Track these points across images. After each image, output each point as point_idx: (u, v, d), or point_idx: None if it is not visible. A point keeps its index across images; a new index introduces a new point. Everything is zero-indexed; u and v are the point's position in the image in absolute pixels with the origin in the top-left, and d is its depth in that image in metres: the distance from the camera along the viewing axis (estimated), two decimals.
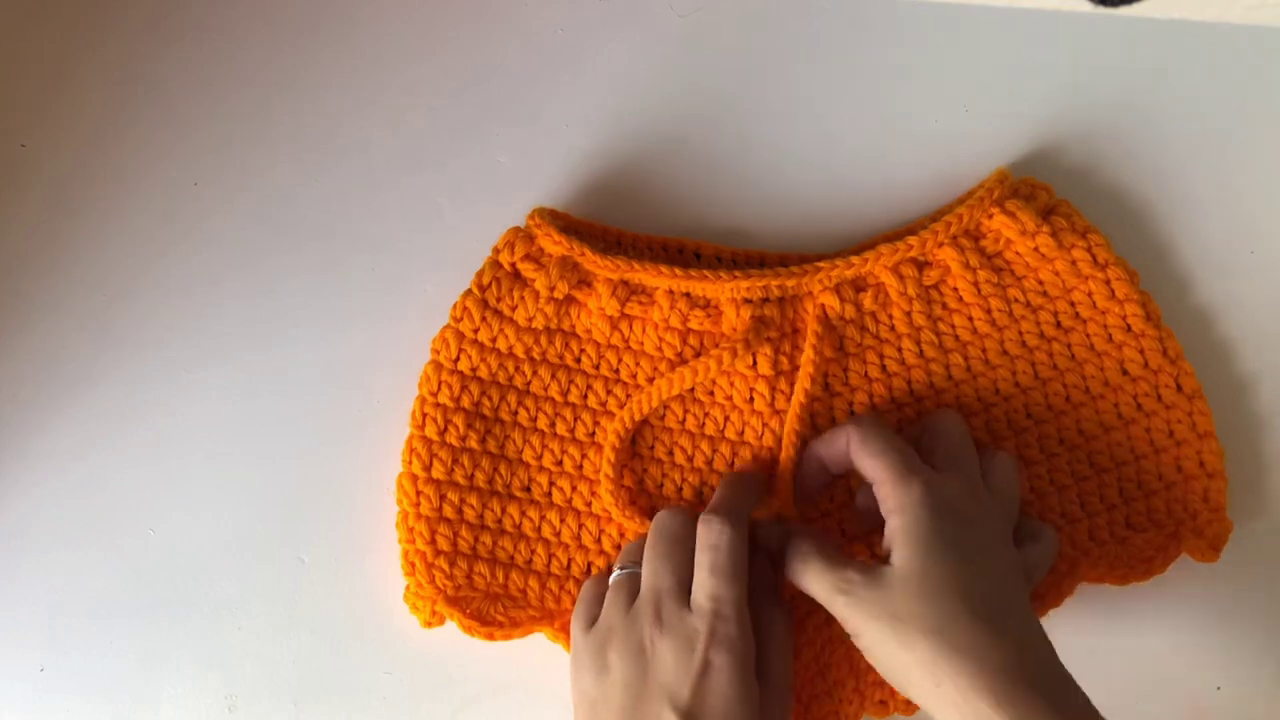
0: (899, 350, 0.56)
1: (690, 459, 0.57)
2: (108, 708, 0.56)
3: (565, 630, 0.56)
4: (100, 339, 0.58)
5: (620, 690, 0.50)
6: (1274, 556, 0.57)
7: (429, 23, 0.60)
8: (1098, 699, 0.56)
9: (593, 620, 0.53)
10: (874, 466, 0.51)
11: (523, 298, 0.56)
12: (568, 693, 0.56)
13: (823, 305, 0.55)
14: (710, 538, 0.51)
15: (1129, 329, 0.56)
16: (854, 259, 0.56)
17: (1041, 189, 0.57)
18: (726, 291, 0.56)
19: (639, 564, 0.53)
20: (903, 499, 0.50)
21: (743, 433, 0.56)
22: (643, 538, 0.54)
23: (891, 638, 0.47)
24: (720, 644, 0.49)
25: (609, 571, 0.55)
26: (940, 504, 0.49)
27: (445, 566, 0.55)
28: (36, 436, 0.58)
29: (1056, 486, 0.56)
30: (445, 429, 0.55)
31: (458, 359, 0.56)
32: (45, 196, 0.59)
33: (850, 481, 0.56)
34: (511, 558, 0.56)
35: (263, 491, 0.58)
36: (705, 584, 0.50)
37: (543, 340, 0.56)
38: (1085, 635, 0.57)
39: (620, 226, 0.58)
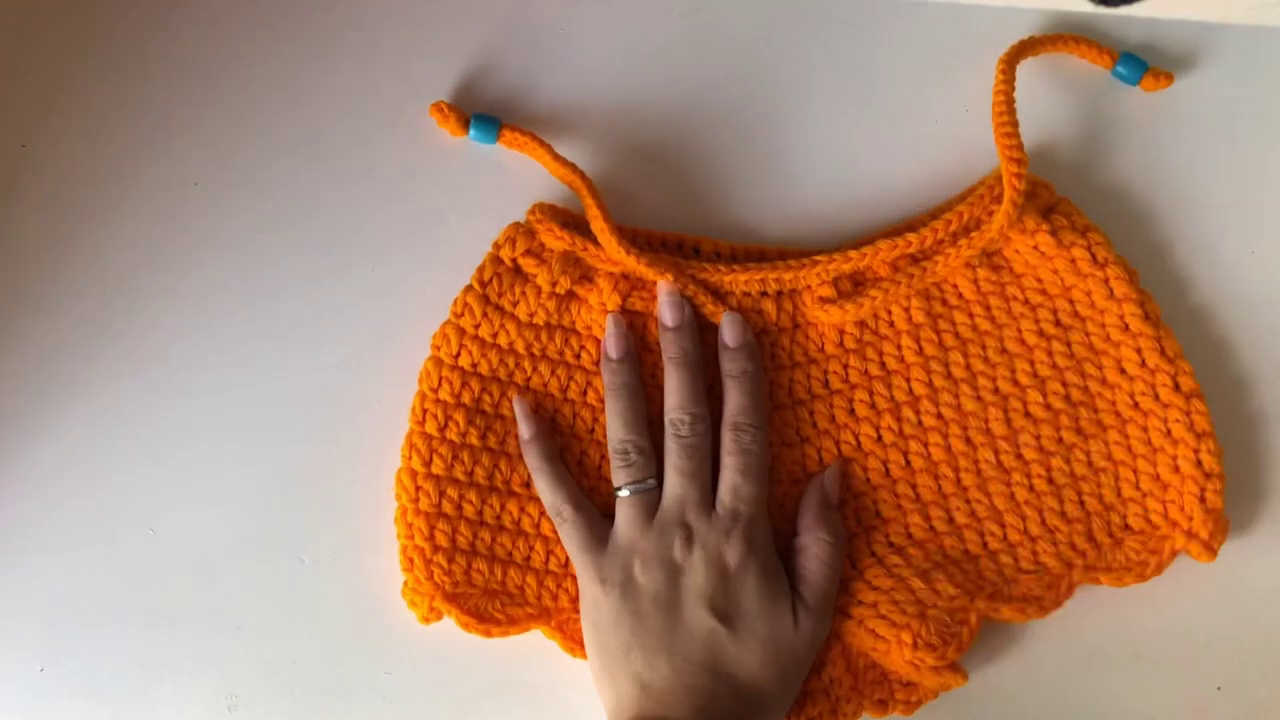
0: (898, 347, 0.56)
1: None
2: (108, 708, 0.56)
3: (561, 628, 0.55)
4: (100, 339, 0.58)
5: (650, 600, 0.52)
6: (1273, 556, 0.57)
7: (428, 22, 0.60)
8: (1098, 699, 0.56)
9: (599, 541, 0.54)
10: None
11: (524, 293, 0.56)
12: (568, 692, 0.56)
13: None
14: (744, 443, 0.54)
15: (1127, 328, 0.56)
16: (851, 253, 0.56)
17: (1042, 186, 0.57)
18: (725, 285, 0.56)
19: (640, 481, 0.54)
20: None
21: None
22: (627, 458, 0.54)
23: None
24: (750, 544, 0.52)
25: (580, 502, 0.55)
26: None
27: (444, 562, 0.55)
28: (36, 436, 0.58)
29: (1054, 487, 0.56)
30: (445, 425, 0.55)
31: (458, 355, 0.56)
32: (45, 196, 0.59)
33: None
34: (510, 554, 0.56)
35: (263, 491, 0.58)
36: (737, 486, 0.53)
37: (543, 336, 0.56)
38: (1085, 636, 0.56)
39: (619, 223, 0.58)
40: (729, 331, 0.56)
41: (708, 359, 0.56)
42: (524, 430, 0.56)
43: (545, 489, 0.55)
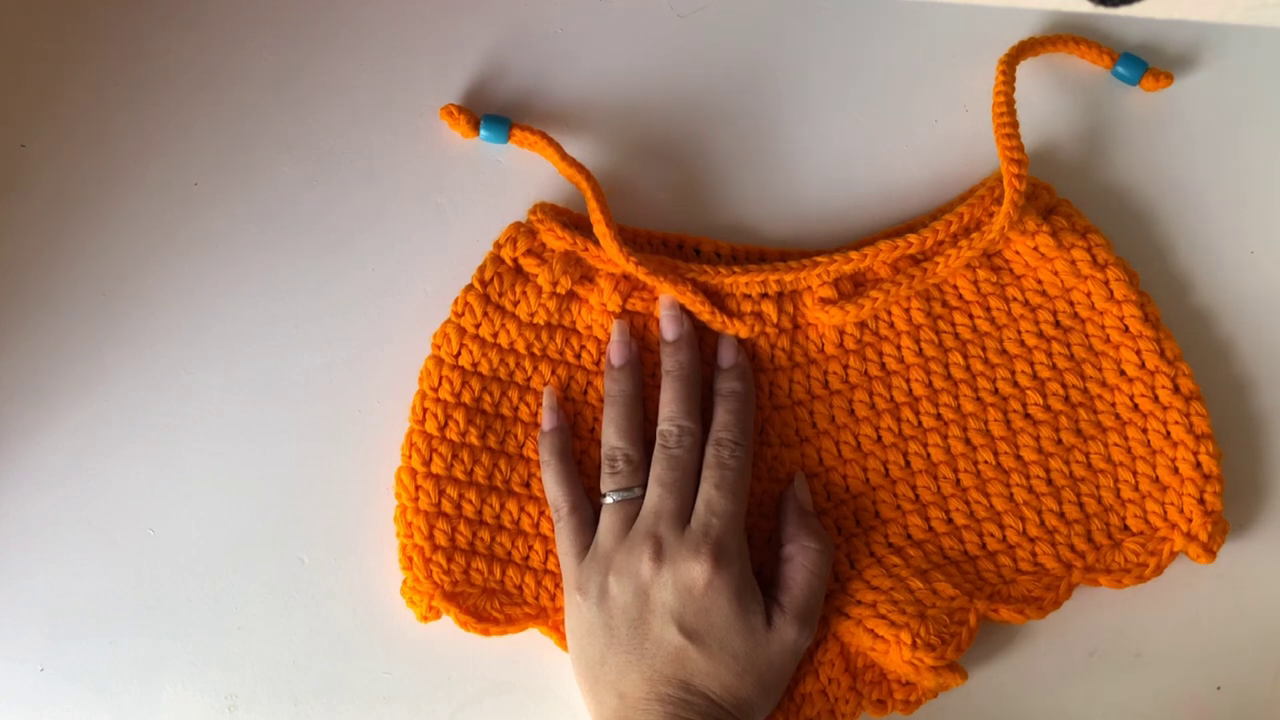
0: (898, 348, 0.56)
1: None
2: (108, 708, 0.56)
3: (558, 627, 0.55)
4: (100, 339, 0.58)
5: (621, 613, 0.52)
6: (1272, 557, 0.57)
7: (429, 23, 0.60)
8: (1098, 699, 0.56)
9: (583, 549, 0.54)
10: None
11: (524, 293, 0.56)
12: (568, 693, 0.56)
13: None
14: (723, 458, 0.54)
15: (1126, 330, 0.56)
16: (852, 254, 0.56)
17: (1042, 188, 0.57)
18: (726, 287, 0.56)
19: (625, 489, 0.54)
20: None
21: None
22: (614, 466, 0.55)
23: None
24: (720, 560, 0.51)
25: (577, 505, 0.55)
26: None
27: (443, 562, 0.55)
28: (37, 436, 0.58)
29: (1053, 488, 0.56)
30: (445, 424, 0.55)
31: (459, 354, 0.56)
32: (45, 196, 0.59)
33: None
34: (509, 553, 0.56)
35: (263, 491, 0.58)
36: (711, 500, 0.53)
37: (544, 336, 0.56)
38: (1084, 637, 0.57)
39: (620, 223, 0.58)
40: (723, 353, 0.56)
41: (706, 360, 0.56)
42: (546, 422, 0.56)
43: (550, 484, 0.55)
